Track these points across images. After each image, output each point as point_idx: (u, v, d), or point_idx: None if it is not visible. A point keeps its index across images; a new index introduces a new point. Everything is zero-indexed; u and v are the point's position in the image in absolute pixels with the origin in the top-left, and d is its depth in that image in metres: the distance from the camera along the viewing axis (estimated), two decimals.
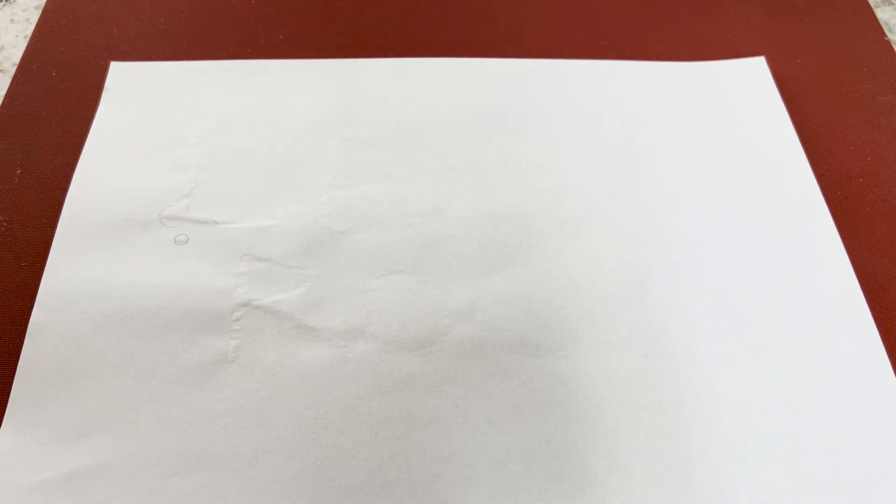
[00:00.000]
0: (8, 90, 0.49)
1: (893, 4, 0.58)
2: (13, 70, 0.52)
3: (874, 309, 0.40)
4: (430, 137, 0.47)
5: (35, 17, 0.56)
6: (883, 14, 0.57)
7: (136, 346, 0.38)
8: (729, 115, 0.49)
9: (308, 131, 0.47)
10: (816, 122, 0.49)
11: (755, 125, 0.48)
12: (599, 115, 0.49)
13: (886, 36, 0.55)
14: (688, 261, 0.42)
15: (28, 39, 0.53)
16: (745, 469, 0.35)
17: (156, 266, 0.41)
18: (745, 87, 0.50)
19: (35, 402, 0.36)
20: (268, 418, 0.36)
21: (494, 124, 0.48)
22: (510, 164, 0.46)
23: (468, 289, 0.41)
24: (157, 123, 0.47)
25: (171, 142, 0.46)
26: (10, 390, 0.36)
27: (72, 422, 0.36)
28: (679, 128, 0.48)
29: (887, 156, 0.48)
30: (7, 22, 0.56)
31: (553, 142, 0.47)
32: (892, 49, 0.54)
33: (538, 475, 0.35)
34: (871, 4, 0.57)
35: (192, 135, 0.47)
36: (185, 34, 0.53)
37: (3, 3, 0.57)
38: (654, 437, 0.36)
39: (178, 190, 0.44)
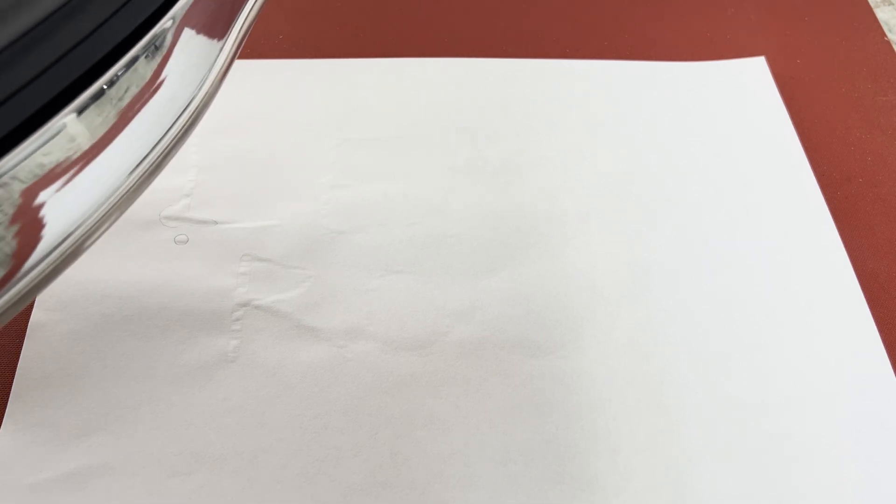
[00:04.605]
0: None
1: (893, 4, 0.58)
2: None
3: (874, 309, 0.40)
4: (430, 137, 0.47)
5: None
6: (883, 14, 0.57)
7: (136, 346, 0.38)
8: (729, 115, 0.49)
9: (308, 131, 0.47)
10: (816, 122, 0.49)
11: (755, 125, 0.48)
12: (599, 115, 0.49)
13: (886, 36, 0.55)
14: (688, 260, 0.42)
15: None
16: (745, 469, 0.35)
17: (156, 266, 0.41)
18: (745, 87, 0.50)
19: (35, 402, 0.36)
20: (268, 418, 0.36)
21: (494, 124, 0.48)
22: (510, 163, 0.46)
23: (468, 289, 0.41)
24: None
25: None
26: (10, 390, 0.36)
27: (72, 422, 0.36)
28: (679, 127, 0.48)
29: (887, 156, 0.48)
30: None
31: (553, 142, 0.47)
32: (892, 49, 0.54)
33: (538, 475, 0.35)
34: (871, 4, 0.57)
35: (192, 135, 0.46)
36: None
37: None
38: (654, 437, 0.36)
39: (178, 190, 0.44)
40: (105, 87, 0.18)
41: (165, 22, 0.19)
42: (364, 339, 0.39)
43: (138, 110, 0.19)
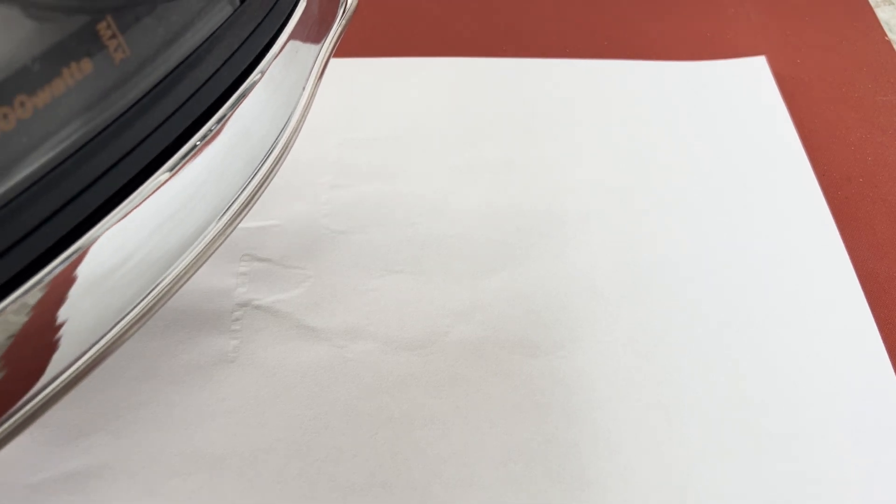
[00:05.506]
0: None
1: (893, 4, 0.58)
2: None
3: (874, 309, 0.40)
4: (430, 137, 0.47)
5: None
6: (883, 14, 0.57)
7: (136, 346, 0.38)
8: (729, 115, 0.49)
9: (308, 131, 0.47)
10: (816, 122, 0.49)
11: (755, 125, 0.48)
12: (600, 114, 0.49)
13: (886, 36, 0.55)
14: (688, 260, 0.42)
15: None
16: (745, 469, 0.35)
17: None
18: (746, 86, 0.50)
19: None
20: (268, 418, 0.36)
21: (495, 124, 0.48)
22: (510, 163, 0.46)
23: (468, 289, 0.41)
24: None
25: None
26: None
27: (72, 422, 0.36)
28: (679, 127, 0.48)
29: (887, 156, 0.48)
30: None
31: (553, 142, 0.47)
32: (893, 49, 0.54)
33: (538, 475, 0.35)
34: (872, 4, 0.57)
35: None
36: None
37: None
38: (654, 437, 0.36)
39: None
40: (198, 143, 0.18)
41: (255, 76, 0.20)
42: (364, 339, 0.39)
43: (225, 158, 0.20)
